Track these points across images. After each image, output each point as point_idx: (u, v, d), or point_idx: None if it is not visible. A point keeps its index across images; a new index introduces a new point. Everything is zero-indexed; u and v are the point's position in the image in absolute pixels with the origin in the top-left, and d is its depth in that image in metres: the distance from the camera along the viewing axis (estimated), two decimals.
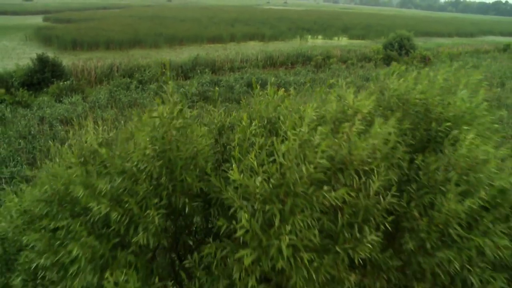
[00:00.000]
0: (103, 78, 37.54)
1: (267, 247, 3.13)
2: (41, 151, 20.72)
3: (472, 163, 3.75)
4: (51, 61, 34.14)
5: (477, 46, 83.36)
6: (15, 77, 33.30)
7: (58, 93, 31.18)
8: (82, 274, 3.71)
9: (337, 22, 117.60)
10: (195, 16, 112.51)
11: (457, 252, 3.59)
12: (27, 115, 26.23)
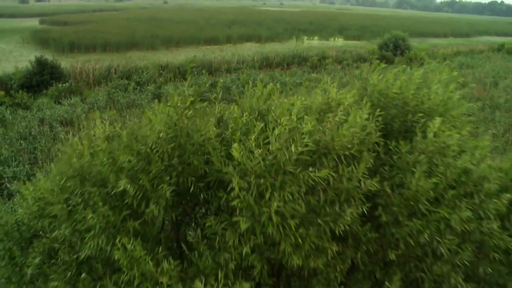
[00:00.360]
0: (101, 80, 37.98)
1: (259, 216, 3.63)
2: (42, 151, 21.18)
3: (439, 147, 4.26)
4: (49, 63, 34.60)
5: (472, 46, 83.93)
6: (14, 79, 33.74)
7: (57, 95, 31.64)
8: (96, 240, 4.21)
9: (333, 23, 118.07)
10: (192, 17, 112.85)
11: (426, 224, 4.10)
12: (27, 116, 26.68)
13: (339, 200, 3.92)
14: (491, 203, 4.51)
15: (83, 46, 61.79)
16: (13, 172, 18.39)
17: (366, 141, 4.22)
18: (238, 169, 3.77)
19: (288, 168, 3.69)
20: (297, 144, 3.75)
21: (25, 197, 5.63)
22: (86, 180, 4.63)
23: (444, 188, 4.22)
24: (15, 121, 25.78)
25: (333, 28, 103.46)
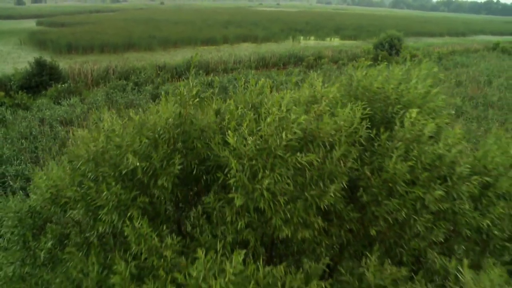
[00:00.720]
0: (99, 81, 38.41)
1: (252, 193, 4.10)
2: (43, 150, 21.60)
3: (415, 135, 4.74)
4: (48, 64, 35.04)
5: (467, 46, 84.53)
6: (13, 80, 34.17)
7: (56, 95, 32.07)
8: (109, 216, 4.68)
9: (329, 23, 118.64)
10: (188, 18, 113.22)
11: (403, 203, 4.57)
12: (27, 117, 27.10)
13: (323, 179, 4.40)
14: (463, 185, 4.99)
15: (81, 47, 62.16)
16: (15, 171, 18.81)
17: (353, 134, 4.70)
18: (233, 154, 4.25)
19: (278, 152, 4.17)
20: (286, 132, 4.23)
21: (39, 185, 6.09)
22: (100, 163, 5.10)
23: (419, 171, 4.70)
24: (15, 121, 26.19)
25: (329, 28, 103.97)
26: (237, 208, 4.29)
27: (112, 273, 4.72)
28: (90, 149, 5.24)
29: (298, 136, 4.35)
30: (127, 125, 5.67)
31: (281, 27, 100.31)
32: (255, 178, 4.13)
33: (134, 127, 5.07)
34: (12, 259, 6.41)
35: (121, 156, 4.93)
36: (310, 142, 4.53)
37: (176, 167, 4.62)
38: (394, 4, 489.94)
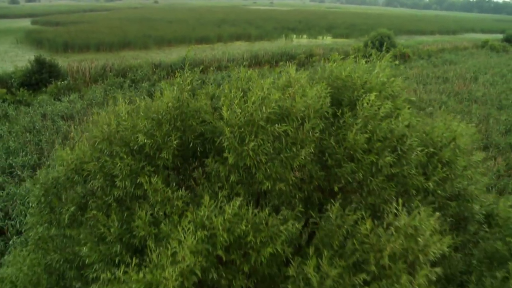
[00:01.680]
0: (97, 78, 39.51)
1: (241, 153, 5.30)
2: (47, 142, 22.75)
3: (372, 113, 5.96)
4: (48, 62, 36.17)
5: (457, 43, 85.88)
6: (14, 77, 35.26)
7: (56, 92, 33.21)
8: (123, 182, 5.88)
9: (322, 21, 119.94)
10: (182, 17, 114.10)
11: (360, 166, 5.80)
12: (30, 112, 28.22)
13: (295, 145, 5.61)
14: (412, 154, 6.23)
15: (77, 46, 63.03)
16: (22, 161, 19.97)
17: (320, 110, 5.93)
18: (227, 124, 5.46)
19: (261, 123, 5.38)
20: (266, 107, 5.46)
21: (65, 157, 7.29)
22: (114, 141, 6.29)
23: (374, 141, 5.92)
24: (18, 117, 27.29)
25: (321, 26, 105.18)
26: (229, 166, 5.50)
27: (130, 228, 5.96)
28: (104, 131, 6.45)
29: (275, 111, 5.57)
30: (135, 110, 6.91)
31: (274, 25, 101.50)
32: (243, 142, 5.34)
33: (142, 111, 6.29)
34: (41, 222, 7.61)
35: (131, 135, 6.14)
36: (286, 116, 5.75)
37: (174, 143, 5.82)
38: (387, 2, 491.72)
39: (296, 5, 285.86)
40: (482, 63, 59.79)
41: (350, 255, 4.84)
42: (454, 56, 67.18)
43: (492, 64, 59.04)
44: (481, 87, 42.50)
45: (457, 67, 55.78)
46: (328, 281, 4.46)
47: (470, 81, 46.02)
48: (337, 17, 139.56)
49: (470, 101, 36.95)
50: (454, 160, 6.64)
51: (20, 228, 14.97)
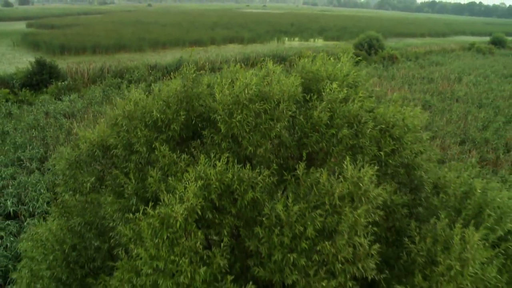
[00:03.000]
0: (96, 79, 41.05)
1: (230, 124, 6.93)
2: (51, 138, 24.30)
3: (333, 97, 7.60)
4: (48, 64, 37.67)
5: (445, 46, 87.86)
6: (15, 78, 36.75)
7: (56, 92, 34.75)
8: (141, 148, 7.51)
9: (314, 24, 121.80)
10: (176, 20, 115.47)
11: (323, 137, 7.45)
12: (33, 111, 29.74)
13: (272, 120, 7.25)
14: (366, 129, 7.88)
15: (74, 48, 64.35)
16: (30, 155, 21.52)
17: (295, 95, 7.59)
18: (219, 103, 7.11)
19: (245, 102, 7.02)
20: (248, 90, 7.11)
21: (88, 136, 8.90)
22: (132, 118, 7.91)
23: (335, 119, 7.57)
24: (22, 115, 28.79)
25: (313, 29, 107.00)
26: (221, 135, 7.12)
27: (144, 186, 7.59)
28: (125, 110, 8.08)
29: (256, 93, 7.22)
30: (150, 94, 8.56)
31: (266, 28, 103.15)
32: (231, 116, 6.96)
33: (156, 94, 7.95)
34: (66, 190, 9.22)
35: (146, 112, 7.79)
36: (265, 98, 7.37)
37: (181, 118, 7.48)
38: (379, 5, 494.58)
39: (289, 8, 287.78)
40: (467, 65, 61.78)
41: (311, 199, 6.48)
42: (441, 58, 69.13)
43: (477, 66, 61.03)
44: (464, 87, 44.36)
45: (443, 68, 57.68)
46: (293, 215, 6.08)
47: (454, 82, 47.91)
48: (329, 20, 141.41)
49: (452, 100, 38.79)
50: (403, 136, 8.29)
51: (32, 212, 16.54)
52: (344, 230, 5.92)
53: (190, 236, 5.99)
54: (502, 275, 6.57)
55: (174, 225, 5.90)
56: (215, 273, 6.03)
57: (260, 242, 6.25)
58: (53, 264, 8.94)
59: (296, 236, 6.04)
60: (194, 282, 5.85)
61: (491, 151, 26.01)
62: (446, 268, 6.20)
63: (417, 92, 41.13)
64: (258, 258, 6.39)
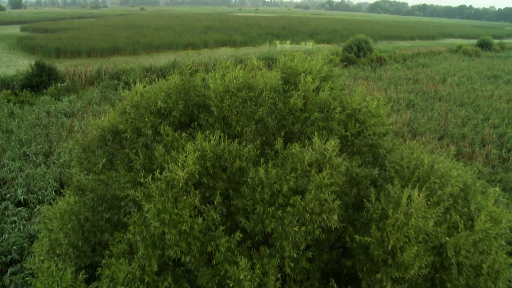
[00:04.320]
0: (93, 81, 42.49)
1: (221, 107, 8.49)
2: (54, 135, 25.76)
3: (307, 88, 9.19)
4: (47, 66, 39.11)
5: (432, 48, 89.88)
6: (16, 80, 38.15)
7: (56, 93, 36.18)
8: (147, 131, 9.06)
9: (305, 27, 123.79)
10: (169, 24, 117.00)
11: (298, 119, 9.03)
12: (35, 110, 31.18)
13: (256, 105, 8.82)
14: (334, 114, 9.46)
15: (69, 51, 65.82)
16: (35, 150, 22.98)
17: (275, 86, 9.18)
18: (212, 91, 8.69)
19: (233, 90, 8.59)
20: (236, 81, 8.69)
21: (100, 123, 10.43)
22: (139, 107, 9.45)
23: (308, 105, 9.14)
24: (24, 114, 30.21)
25: (304, 32, 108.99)
26: (214, 117, 8.69)
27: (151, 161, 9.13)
28: (132, 100, 9.64)
29: (242, 83, 8.79)
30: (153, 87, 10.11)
31: (258, 32, 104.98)
32: (222, 101, 8.53)
33: (159, 86, 9.52)
34: (81, 170, 10.75)
35: (151, 102, 9.35)
36: (250, 88, 8.94)
37: (180, 106, 9.06)
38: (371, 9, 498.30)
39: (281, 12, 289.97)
40: (453, 66, 63.68)
41: (286, 166, 8.05)
42: (428, 60, 71.04)
43: (462, 67, 62.98)
44: (448, 88, 46.17)
45: (429, 69, 59.57)
46: (272, 177, 7.64)
47: (438, 82, 49.75)
48: (320, 24, 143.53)
49: (435, 99, 40.57)
50: (367, 120, 9.88)
51: (41, 199, 18.02)
52: (311, 188, 7.49)
53: (189, 195, 7.54)
54: (441, 226, 8.17)
55: (177, 186, 7.45)
56: (209, 224, 7.59)
57: (245, 199, 7.80)
58: (70, 233, 10.42)
59: (274, 193, 7.60)
60: (193, 231, 7.40)
61: (468, 146, 27.72)
62: (394, 220, 7.79)
63: (402, 92, 42.86)
64: (244, 213, 7.95)
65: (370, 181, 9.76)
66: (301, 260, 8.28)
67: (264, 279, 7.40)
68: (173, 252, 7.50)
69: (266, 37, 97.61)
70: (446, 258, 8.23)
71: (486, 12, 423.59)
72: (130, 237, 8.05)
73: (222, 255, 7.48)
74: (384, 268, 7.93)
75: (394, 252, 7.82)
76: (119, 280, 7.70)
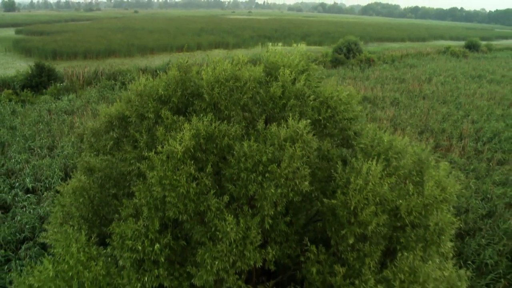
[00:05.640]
0: (91, 81, 44.01)
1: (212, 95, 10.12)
2: (56, 130, 27.29)
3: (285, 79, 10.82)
4: (47, 67, 40.63)
5: (421, 49, 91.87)
6: (16, 81, 39.64)
7: (56, 92, 37.70)
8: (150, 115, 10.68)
9: (297, 30, 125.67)
10: (163, 27, 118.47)
11: (276, 104, 10.67)
12: (36, 108, 32.69)
13: (241, 93, 10.45)
14: (309, 101, 11.10)
15: (65, 54, 67.24)
16: (40, 144, 24.51)
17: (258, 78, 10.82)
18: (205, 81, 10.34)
19: (222, 80, 10.23)
20: (225, 73, 10.34)
21: (107, 111, 12.03)
22: (143, 95, 11.06)
23: (286, 93, 10.78)
24: (26, 113, 31.70)
25: (296, 34, 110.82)
26: (206, 103, 10.32)
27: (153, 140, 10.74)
28: (137, 89, 11.26)
29: (230, 75, 10.43)
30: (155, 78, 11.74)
31: (251, 34, 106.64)
32: (213, 90, 10.18)
33: (159, 77, 11.15)
34: (91, 152, 12.34)
35: (153, 90, 10.98)
36: (237, 79, 10.57)
37: (178, 93, 10.70)
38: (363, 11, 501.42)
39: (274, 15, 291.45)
40: (440, 67, 65.61)
41: (266, 141, 9.69)
42: (416, 61, 72.98)
43: (448, 67, 64.97)
44: (433, 87, 47.99)
45: (415, 70, 61.46)
46: (254, 150, 9.27)
47: (424, 82, 51.61)
48: (312, 26, 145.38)
49: (420, 98, 42.38)
50: (337, 106, 11.53)
51: (48, 186, 19.57)
52: (286, 159, 9.12)
53: (186, 165, 9.16)
54: (394, 191, 9.85)
55: (175, 158, 9.07)
56: (202, 189, 9.22)
57: (232, 169, 9.44)
58: (81, 207, 12.00)
59: (256, 163, 9.23)
60: (189, 194, 9.01)
61: (446, 139, 29.50)
62: (356, 186, 9.44)
63: (388, 91, 44.64)
64: (231, 180, 9.58)
65: (341, 159, 11.42)
66: (280, 223, 9.96)
67: (247, 233, 9.03)
68: (172, 213, 9.11)
69: (259, 39, 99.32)
70: (400, 218, 9.90)
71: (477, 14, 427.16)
72: (136, 202, 9.68)
73: (213, 214, 9.11)
74: (348, 226, 9.56)
75: (356, 212, 9.45)
76: (127, 236, 9.29)
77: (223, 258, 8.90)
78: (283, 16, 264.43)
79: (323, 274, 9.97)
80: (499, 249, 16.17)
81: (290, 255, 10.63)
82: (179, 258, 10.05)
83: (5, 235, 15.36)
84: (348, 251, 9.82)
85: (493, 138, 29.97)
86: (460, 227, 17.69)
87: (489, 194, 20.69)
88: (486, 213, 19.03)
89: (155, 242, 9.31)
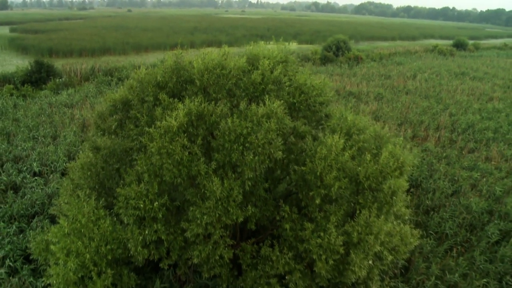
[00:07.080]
0: (88, 77, 45.80)
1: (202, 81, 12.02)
2: (58, 122, 29.08)
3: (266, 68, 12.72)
4: (46, 63, 42.36)
5: (409, 48, 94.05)
6: (16, 76, 41.36)
7: (55, 87, 39.45)
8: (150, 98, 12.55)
9: (289, 28, 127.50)
10: (156, 25, 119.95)
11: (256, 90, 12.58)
12: (37, 102, 34.45)
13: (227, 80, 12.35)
14: (285, 87, 13.00)
15: (61, 51, 68.74)
16: (43, 133, 26.31)
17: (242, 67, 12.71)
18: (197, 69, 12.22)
19: (211, 68, 12.12)
20: (213, 62, 12.23)
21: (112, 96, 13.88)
22: (144, 82, 12.93)
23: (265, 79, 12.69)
24: (28, 106, 33.46)
25: (288, 33, 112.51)
26: (197, 88, 12.23)
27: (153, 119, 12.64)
28: (138, 77, 13.14)
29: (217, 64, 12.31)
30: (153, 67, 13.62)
31: (244, 33, 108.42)
32: (202, 76, 12.07)
33: (158, 66, 13.00)
34: (97, 132, 14.21)
35: (152, 77, 12.87)
36: (223, 67, 12.47)
37: (173, 80, 12.60)
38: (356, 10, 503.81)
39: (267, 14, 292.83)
40: (426, 64, 67.79)
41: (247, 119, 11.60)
42: (403, 59, 74.99)
43: (434, 65, 67.14)
44: (417, 83, 50.07)
45: (401, 67, 63.54)
46: (236, 125, 11.17)
47: (409, 78, 53.69)
48: (304, 25, 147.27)
49: (403, 93, 44.43)
50: (310, 92, 13.45)
51: (54, 169, 21.41)
52: (263, 131, 11.06)
53: (180, 137, 11.07)
54: (355, 160, 11.82)
55: (171, 131, 10.97)
56: (193, 157, 11.14)
57: (218, 141, 11.36)
58: (88, 179, 13.87)
59: (238, 136, 11.14)
60: (182, 161, 10.92)
61: (424, 130, 31.55)
62: (321, 154, 11.38)
63: (373, 86, 46.67)
64: (217, 150, 11.51)
65: (312, 137, 13.37)
66: (260, 189, 11.92)
67: (230, 192, 10.96)
68: (168, 177, 11.02)
69: (251, 38, 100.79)
70: (360, 183, 11.86)
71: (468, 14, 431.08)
72: (138, 169, 11.59)
73: (202, 177, 11.04)
74: (316, 189, 11.49)
75: (321, 177, 11.39)
76: (131, 197, 11.20)
77: (210, 214, 10.83)
78: (276, 15, 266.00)
79: (295, 230, 11.92)
80: (459, 222, 18.21)
81: (268, 217, 12.59)
82: (174, 219, 11.97)
83: (18, 210, 17.21)
84: (316, 211, 11.78)
85: (468, 129, 32.05)
86: (427, 204, 19.77)
87: (456, 177, 22.74)
88: (452, 193, 21.09)
89: (154, 201, 11.23)
